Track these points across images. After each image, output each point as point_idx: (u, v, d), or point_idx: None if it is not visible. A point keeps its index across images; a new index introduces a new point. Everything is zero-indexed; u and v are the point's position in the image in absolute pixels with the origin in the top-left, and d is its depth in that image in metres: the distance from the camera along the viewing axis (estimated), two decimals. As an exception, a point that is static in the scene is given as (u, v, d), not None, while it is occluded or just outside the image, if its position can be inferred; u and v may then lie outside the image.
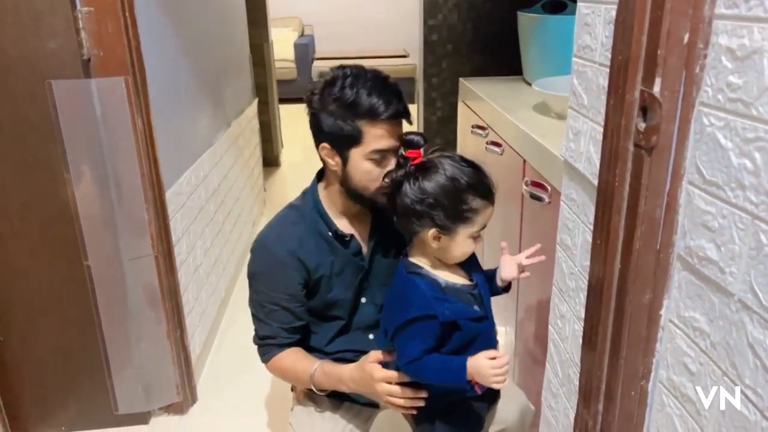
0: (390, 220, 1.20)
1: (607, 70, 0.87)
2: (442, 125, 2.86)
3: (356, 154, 1.19)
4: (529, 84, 2.11)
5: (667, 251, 0.73)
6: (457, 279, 1.16)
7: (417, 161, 1.11)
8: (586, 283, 0.96)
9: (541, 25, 2.06)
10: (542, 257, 1.25)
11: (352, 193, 1.24)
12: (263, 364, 1.35)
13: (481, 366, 1.07)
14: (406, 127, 1.22)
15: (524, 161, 1.56)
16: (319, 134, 1.23)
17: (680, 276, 0.73)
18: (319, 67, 6.53)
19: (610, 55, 0.84)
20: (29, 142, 1.60)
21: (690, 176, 0.70)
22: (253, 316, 1.33)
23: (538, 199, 1.41)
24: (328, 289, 1.30)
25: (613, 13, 0.85)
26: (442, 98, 2.98)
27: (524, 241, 1.61)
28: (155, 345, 1.87)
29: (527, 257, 1.25)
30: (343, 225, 1.30)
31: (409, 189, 1.08)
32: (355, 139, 1.17)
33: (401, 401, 1.16)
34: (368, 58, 6.59)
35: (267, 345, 1.32)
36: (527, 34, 2.15)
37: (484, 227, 1.12)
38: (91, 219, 1.68)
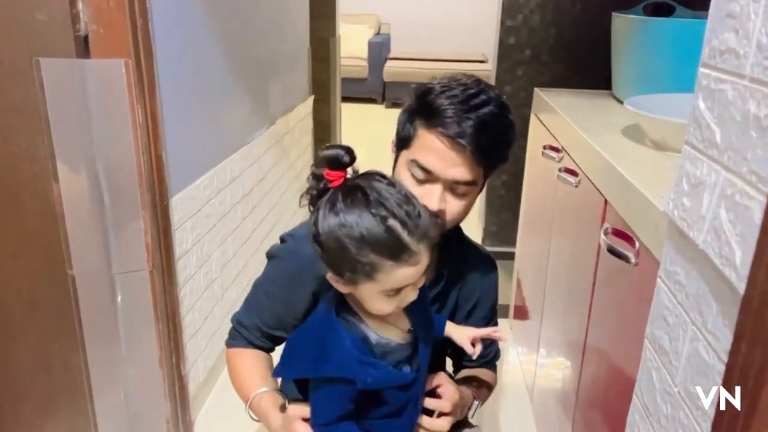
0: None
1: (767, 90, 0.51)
2: (511, 141, 2.51)
3: (401, 158, 1.03)
4: (621, 102, 1.72)
5: None
6: (392, 332, 0.92)
7: (335, 183, 0.83)
8: (691, 419, 0.60)
9: (641, 30, 1.66)
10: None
11: None
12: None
13: None
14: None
15: (605, 201, 1.19)
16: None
17: None
18: (392, 67, 6.23)
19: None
20: (12, 129, 1.36)
21: None
22: (248, 296, 1.17)
23: (621, 257, 1.03)
24: None
25: (793, -8, 0.48)
26: (515, 110, 2.57)
27: (595, 309, 1.23)
28: (146, 372, 1.61)
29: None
30: None
31: (315, 217, 0.84)
32: (407, 140, 1.01)
33: None
34: (444, 61, 6.24)
35: (238, 332, 1.17)
36: (622, 40, 1.76)
37: (401, 288, 0.83)
38: (78, 222, 1.43)
